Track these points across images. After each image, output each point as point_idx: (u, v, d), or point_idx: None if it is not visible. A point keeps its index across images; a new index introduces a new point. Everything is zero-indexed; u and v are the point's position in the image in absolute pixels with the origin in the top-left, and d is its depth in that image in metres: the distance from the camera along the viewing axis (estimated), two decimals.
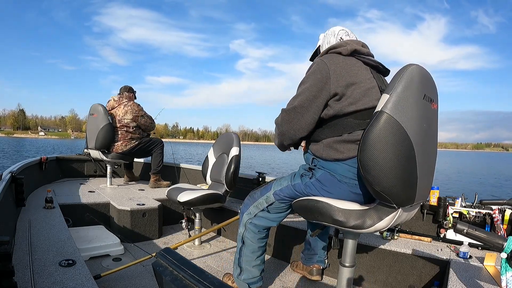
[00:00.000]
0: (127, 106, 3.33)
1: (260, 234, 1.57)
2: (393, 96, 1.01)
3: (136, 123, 3.37)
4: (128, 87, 3.51)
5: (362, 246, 1.85)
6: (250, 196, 1.62)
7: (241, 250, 1.59)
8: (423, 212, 2.03)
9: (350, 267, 1.29)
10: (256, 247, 1.58)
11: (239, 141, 2.51)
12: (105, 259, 2.05)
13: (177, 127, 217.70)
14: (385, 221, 1.13)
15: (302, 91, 1.27)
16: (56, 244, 1.49)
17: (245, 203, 1.62)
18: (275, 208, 1.50)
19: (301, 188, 1.35)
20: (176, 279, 0.85)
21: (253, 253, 1.58)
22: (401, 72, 1.05)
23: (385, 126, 1.00)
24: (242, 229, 1.60)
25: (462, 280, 1.37)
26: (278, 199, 1.45)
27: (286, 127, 1.31)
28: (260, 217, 1.53)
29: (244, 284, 1.59)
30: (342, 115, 1.22)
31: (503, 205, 1.83)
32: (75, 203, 2.51)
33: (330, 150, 1.24)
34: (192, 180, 3.62)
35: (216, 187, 2.52)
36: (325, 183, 1.26)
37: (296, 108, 1.27)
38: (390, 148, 1.01)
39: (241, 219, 1.62)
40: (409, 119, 1.03)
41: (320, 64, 1.26)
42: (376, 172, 1.02)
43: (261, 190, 1.56)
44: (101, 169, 4.00)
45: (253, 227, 1.55)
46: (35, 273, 1.17)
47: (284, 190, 1.42)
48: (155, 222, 2.52)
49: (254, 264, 1.59)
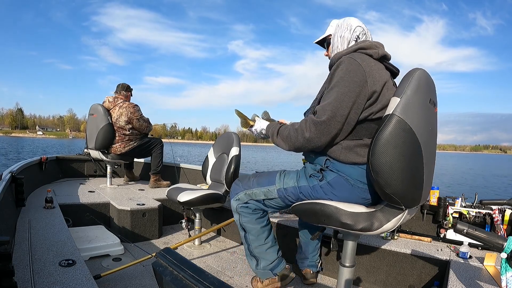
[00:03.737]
0: (122, 108, 3.25)
1: (256, 214, 1.48)
2: (403, 100, 1.03)
3: (131, 125, 3.30)
4: (126, 86, 3.43)
5: (362, 246, 1.85)
6: (240, 181, 1.53)
7: (246, 238, 1.51)
8: (423, 212, 2.03)
9: (350, 267, 1.29)
10: (259, 228, 1.49)
11: (239, 141, 2.51)
12: (105, 259, 2.05)
13: (176, 127, 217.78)
14: (392, 223, 1.14)
15: (339, 98, 1.14)
16: (56, 244, 1.49)
17: (233, 189, 1.53)
18: (273, 203, 1.43)
19: (308, 191, 1.29)
20: (176, 279, 0.85)
21: (259, 236, 1.49)
22: (409, 76, 1.07)
23: (396, 129, 1.02)
24: (236, 216, 1.52)
25: (462, 280, 1.37)
26: (281, 196, 1.38)
27: (319, 139, 1.17)
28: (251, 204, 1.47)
29: (267, 271, 1.51)
30: (370, 120, 1.19)
31: (503, 205, 1.83)
32: (75, 203, 2.51)
33: (349, 153, 1.20)
34: (192, 180, 3.62)
35: (216, 187, 2.52)
36: (336, 187, 1.23)
37: (335, 117, 1.14)
38: (401, 150, 1.03)
39: (231, 205, 1.53)
40: (418, 122, 1.05)
41: (355, 64, 1.17)
42: (387, 175, 1.04)
43: (257, 179, 1.47)
44: (101, 169, 4.00)
45: (246, 209, 1.47)
46: (35, 273, 1.17)
47: (289, 190, 1.35)
48: (155, 222, 2.52)
49: (266, 247, 1.50)
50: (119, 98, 3.33)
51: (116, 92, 3.41)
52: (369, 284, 1.85)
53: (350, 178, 1.21)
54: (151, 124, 3.53)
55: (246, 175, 1.57)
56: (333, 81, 1.19)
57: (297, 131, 1.22)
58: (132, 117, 3.28)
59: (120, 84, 3.44)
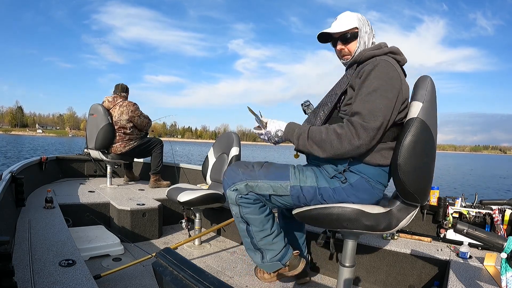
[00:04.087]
0: (123, 107, 3.29)
1: (258, 203, 1.34)
2: (425, 104, 1.13)
3: (132, 123, 3.33)
4: (125, 87, 3.46)
5: (362, 246, 1.84)
6: (239, 168, 1.36)
7: (249, 232, 1.37)
8: (423, 212, 2.03)
9: (350, 267, 1.30)
10: (263, 218, 1.35)
11: (239, 141, 2.51)
12: (105, 259, 2.05)
13: (176, 126, 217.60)
14: (406, 220, 1.21)
15: (388, 105, 1.12)
16: (56, 244, 1.49)
17: (230, 176, 1.36)
18: (280, 201, 1.31)
19: (329, 193, 1.23)
20: (176, 279, 0.85)
21: (264, 226, 1.36)
22: (425, 82, 1.18)
23: (421, 131, 1.11)
24: (235, 208, 1.36)
25: (462, 280, 1.37)
26: (294, 194, 1.27)
27: (368, 145, 1.13)
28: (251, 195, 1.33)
29: (275, 263, 1.39)
30: (399, 124, 1.21)
31: (503, 205, 1.83)
32: (75, 203, 2.51)
33: (376, 155, 1.20)
34: (192, 180, 3.62)
35: (216, 187, 2.52)
36: (358, 188, 1.22)
37: (384, 123, 1.13)
38: (424, 151, 1.12)
39: (227, 197, 1.37)
40: (433, 123, 1.15)
41: (394, 71, 1.17)
42: (413, 174, 1.11)
43: (264, 170, 1.33)
44: (101, 169, 4.00)
45: (246, 199, 1.33)
46: (35, 273, 1.17)
47: (306, 189, 1.25)
48: (155, 222, 2.52)
49: (272, 237, 1.37)
50: (119, 98, 3.36)
51: (115, 93, 3.42)
52: (369, 284, 1.85)
53: (371, 180, 1.22)
54: (151, 120, 3.56)
55: (246, 162, 1.42)
56: (372, 83, 1.15)
57: (341, 137, 1.13)
58: (133, 115, 3.31)
59: (119, 85, 3.45)
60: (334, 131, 1.15)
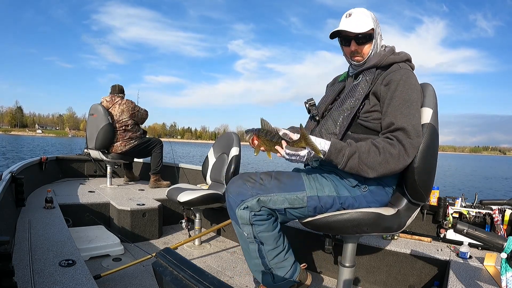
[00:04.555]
0: (122, 105, 3.34)
1: (271, 218, 1.21)
2: (434, 110, 1.22)
3: (133, 120, 3.39)
4: (122, 88, 3.52)
5: (362, 246, 1.84)
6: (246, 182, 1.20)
7: (261, 252, 1.22)
8: (423, 212, 2.03)
9: (350, 268, 1.30)
10: (277, 234, 1.22)
11: (239, 141, 2.51)
12: (105, 259, 2.05)
13: (175, 126, 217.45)
14: (412, 217, 1.27)
15: (420, 118, 1.16)
16: (56, 244, 1.49)
17: (237, 192, 1.20)
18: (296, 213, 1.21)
19: (350, 202, 1.19)
20: (176, 279, 0.85)
21: (277, 242, 1.22)
22: (429, 89, 1.26)
23: (433, 135, 1.19)
24: (248, 228, 1.20)
25: (462, 280, 1.37)
26: (311, 205, 1.18)
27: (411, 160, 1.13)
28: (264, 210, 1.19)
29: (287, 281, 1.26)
30: None
31: (503, 205, 1.83)
32: (75, 203, 2.51)
33: None
34: (192, 180, 3.62)
35: (216, 187, 2.52)
36: (376, 194, 1.22)
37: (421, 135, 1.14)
38: (434, 152, 1.21)
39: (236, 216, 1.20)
40: (437, 126, 1.23)
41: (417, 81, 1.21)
42: (425, 175, 1.18)
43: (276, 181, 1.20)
44: (101, 169, 4.00)
45: (260, 217, 1.19)
46: (35, 273, 1.17)
47: (324, 199, 1.18)
48: (155, 222, 2.52)
49: (284, 253, 1.25)
50: (116, 97, 3.40)
51: (112, 94, 3.45)
52: (369, 284, 1.85)
53: (386, 184, 1.23)
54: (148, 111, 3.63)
55: (250, 174, 1.28)
56: (407, 94, 1.15)
57: (395, 157, 1.09)
58: (134, 112, 3.39)
59: (116, 86, 3.49)
60: (388, 151, 1.09)
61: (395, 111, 1.14)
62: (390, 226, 1.21)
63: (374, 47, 1.27)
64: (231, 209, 1.23)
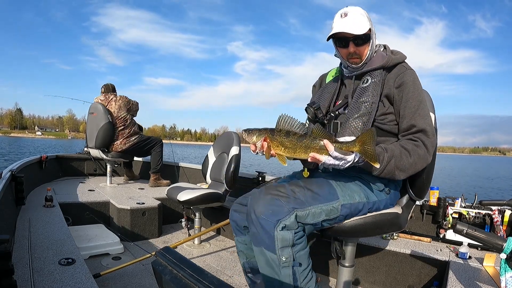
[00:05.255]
0: (118, 101, 3.36)
1: (305, 233, 1.11)
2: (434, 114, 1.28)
3: (130, 113, 3.44)
4: (113, 86, 3.54)
5: (362, 246, 1.85)
6: (276, 197, 1.05)
7: (295, 275, 1.05)
8: (423, 212, 2.03)
9: (349, 267, 1.30)
10: (308, 249, 1.11)
11: (239, 141, 2.51)
12: (104, 258, 2.05)
13: (175, 128, 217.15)
14: (410, 214, 1.36)
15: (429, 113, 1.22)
16: (55, 242, 1.49)
17: (270, 211, 1.03)
18: (328, 224, 1.14)
19: (377, 206, 1.20)
20: (176, 278, 0.85)
21: (308, 259, 1.11)
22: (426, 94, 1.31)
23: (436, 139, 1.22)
24: (288, 251, 1.03)
25: (461, 280, 1.37)
26: (344, 214, 1.13)
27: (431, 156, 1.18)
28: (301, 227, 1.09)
29: None
30: None
31: (502, 205, 1.83)
32: (75, 201, 2.51)
33: None
34: (192, 179, 3.62)
35: (216, 187, 2.52)
36: (395, 195, 1.28)
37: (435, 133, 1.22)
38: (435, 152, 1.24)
39: (274, 238, 1.01)
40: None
41: None
42: (429, 173, 1.26)
43: (309, 192, 1.10)
44: (101, 167, 4.01)
45: (299, 235, 1.07)
46: (34, 272, 1.17)
47: (355, 206, 1.15)
48: (155, 221, 2.52)
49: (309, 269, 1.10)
50: (110, 95, 3.42)
51: (105, 92, 3.46)
52: (368, 284, 1.85)
53: (398, 184, 1.29)
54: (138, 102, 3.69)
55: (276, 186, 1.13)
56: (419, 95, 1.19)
57: (423, 158, 1.12)
58: (129, 105, 3.43)
59: (109, 85, 3.52)
60: (416, 153, 1.11)
61: (413, 113, 1.17)
62: (401, 224, 1.28)
63: (371, 47, 1.24)
64: (265, 233, 1.02)
